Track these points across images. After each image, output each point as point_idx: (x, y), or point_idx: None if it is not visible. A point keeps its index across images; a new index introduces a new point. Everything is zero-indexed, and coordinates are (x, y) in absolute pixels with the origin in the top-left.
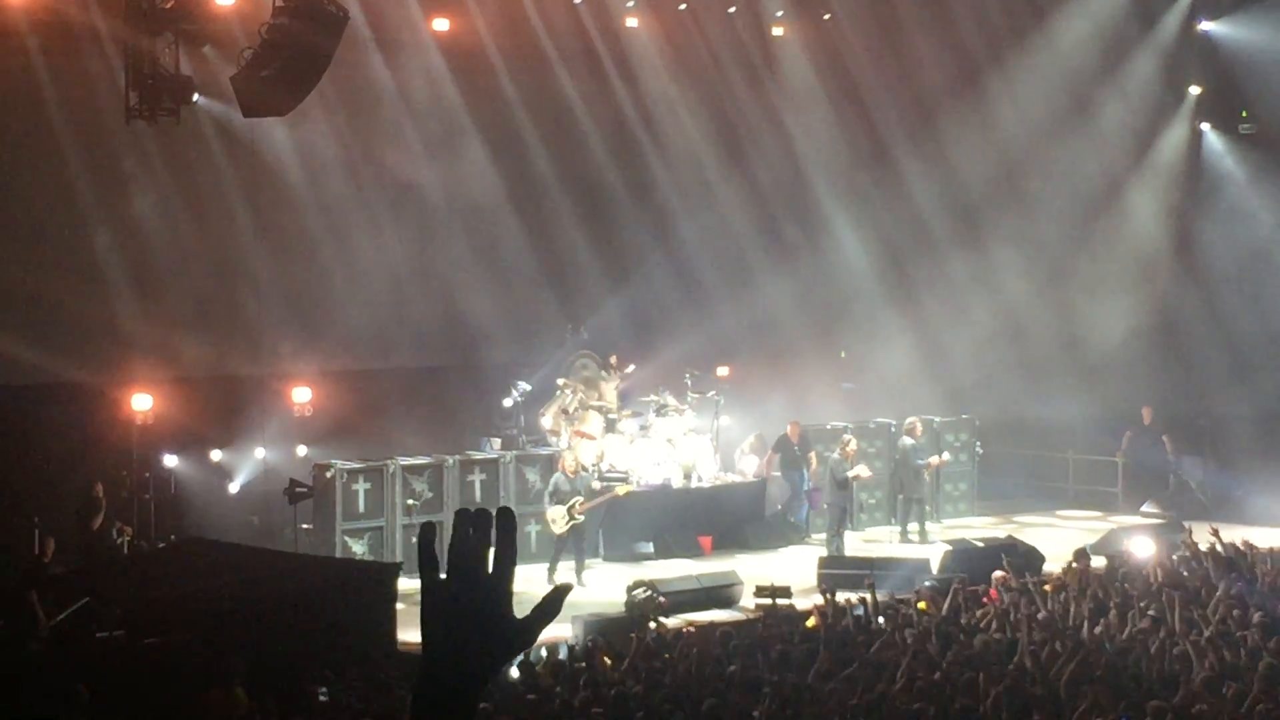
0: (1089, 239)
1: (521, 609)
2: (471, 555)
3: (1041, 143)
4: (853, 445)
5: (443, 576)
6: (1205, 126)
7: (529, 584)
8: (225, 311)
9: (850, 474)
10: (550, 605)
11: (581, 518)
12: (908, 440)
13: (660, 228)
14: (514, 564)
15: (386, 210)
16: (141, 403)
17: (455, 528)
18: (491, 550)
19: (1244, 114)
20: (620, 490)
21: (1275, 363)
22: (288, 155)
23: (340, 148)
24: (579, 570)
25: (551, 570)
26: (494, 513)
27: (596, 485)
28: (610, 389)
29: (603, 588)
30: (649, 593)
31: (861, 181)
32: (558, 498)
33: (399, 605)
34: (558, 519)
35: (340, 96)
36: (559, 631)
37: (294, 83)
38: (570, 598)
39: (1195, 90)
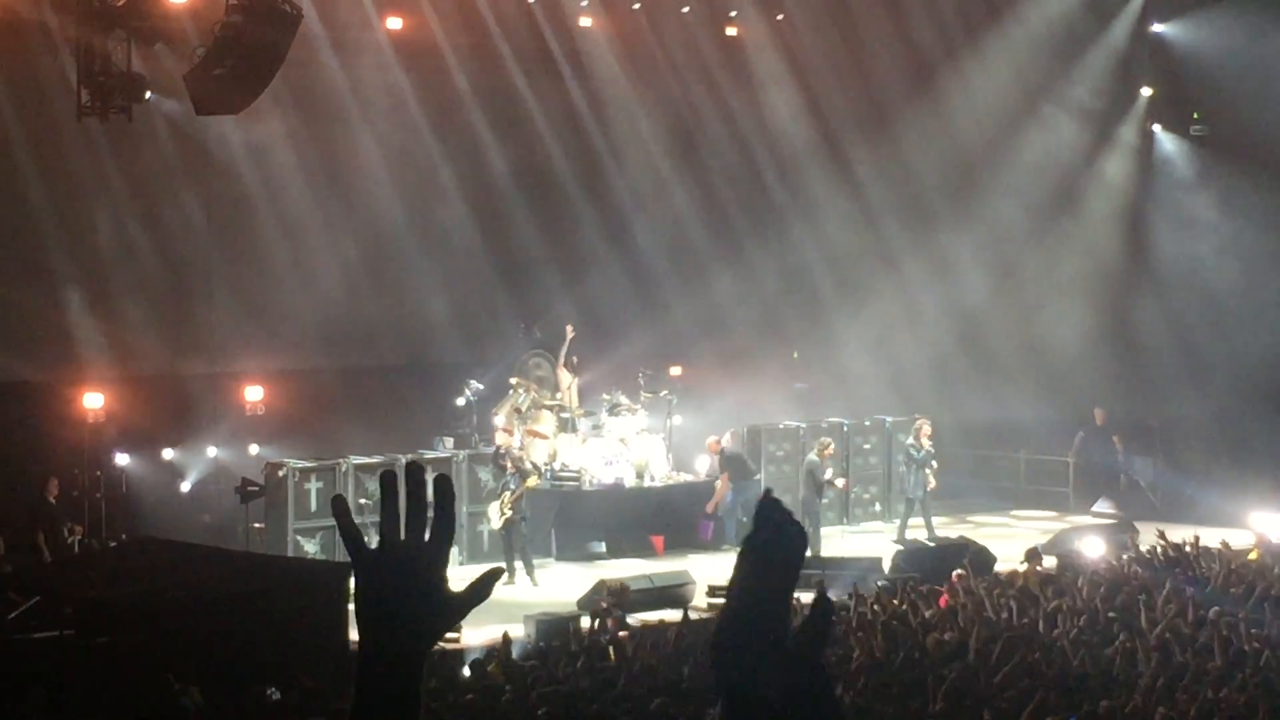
0: (1042, 241)
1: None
2: (410, 522)
3: (995, 144)
4: (832, 448)
5: (374, 547)
6: (1157, 128)
7: (467, 583)
8: (178, 310)
9: (827, 477)
10: (482, 587)
11: (511, 511)
12: (911, 441)
13: (614, 227)
14: (452, 533)
15: (340, 209)
16: (93, 401)
17: (383, 493)
18: (429, 517)
19: (1196, 116)
20: (529, 482)
21: (1225, 364)
22: (241, 154)
23: (294, 146)
24: (529, 571)
25: (508, 570)
26: (423, 478)
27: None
28: (567, 387)
29: (555, 587)
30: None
31: (815, 183)
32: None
33: (351, 605)
34: (493, 516)
35: (294, 95)
36: (511, 631)
37: (247, 81)
38: (523, 597)
39: (1147, 92)
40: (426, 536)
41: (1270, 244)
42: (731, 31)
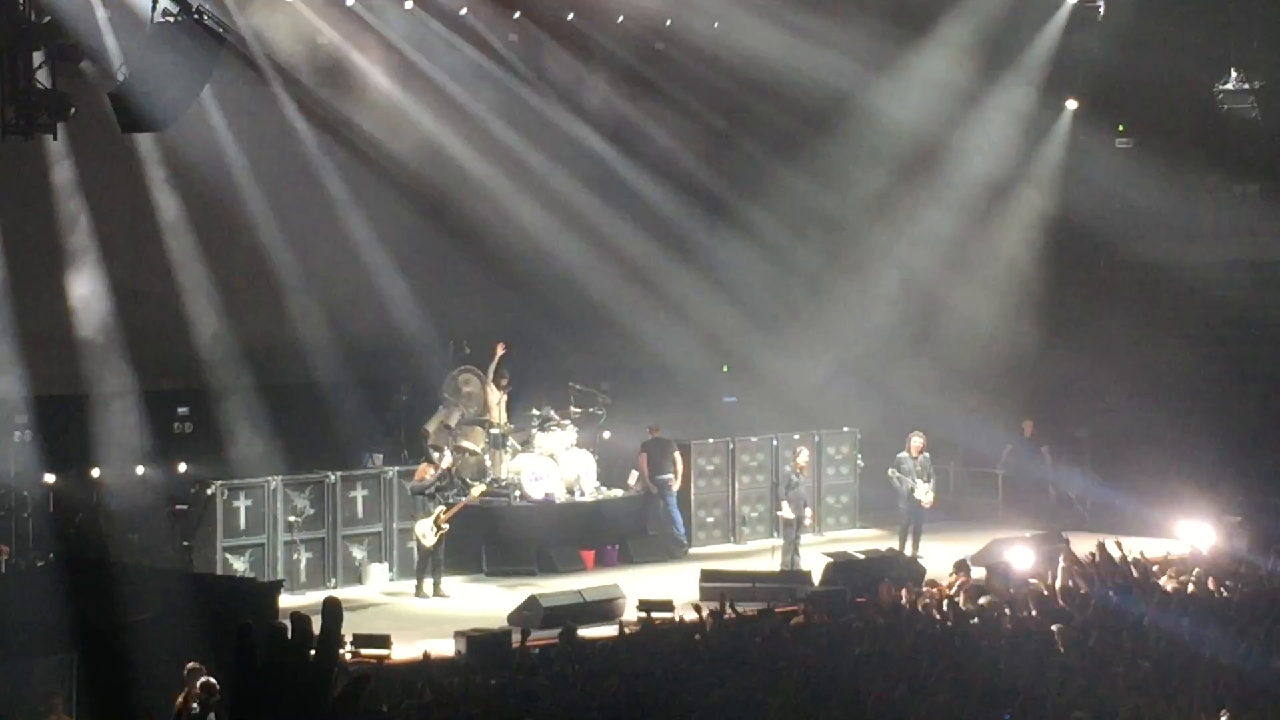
0: (967, 253)
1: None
2: (294, 643)
3: (918, 156)
4: (804, 457)
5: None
6: (1082, 140)
7: (398, 599)
8: (101, 326)
9: (782, 513)
10: (352, 700)
11: (448, 526)
12: (902, 455)
13: (543, 243)
14: (337, 651)
15: (265, 223)
16: (20, 419)
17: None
18: (315, 637)
19: (1121, 129)
20: (474, 492)
21: (1152, 374)
22: (167, 170)
23: (221, 163)
24: (420, 582)
25: (419, 586)
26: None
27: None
28: (496, 404)
29: (484, 602)
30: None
31: (741, 199)
32: (422, 511)
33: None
34: (426, 533)
35: (222, 111)
36: (441, 647)
37: (172, 99)
38: (448, 611)
39: (1073, 104)
40: (312, 655)
41: (1194, 255)
42: (660, 45)
